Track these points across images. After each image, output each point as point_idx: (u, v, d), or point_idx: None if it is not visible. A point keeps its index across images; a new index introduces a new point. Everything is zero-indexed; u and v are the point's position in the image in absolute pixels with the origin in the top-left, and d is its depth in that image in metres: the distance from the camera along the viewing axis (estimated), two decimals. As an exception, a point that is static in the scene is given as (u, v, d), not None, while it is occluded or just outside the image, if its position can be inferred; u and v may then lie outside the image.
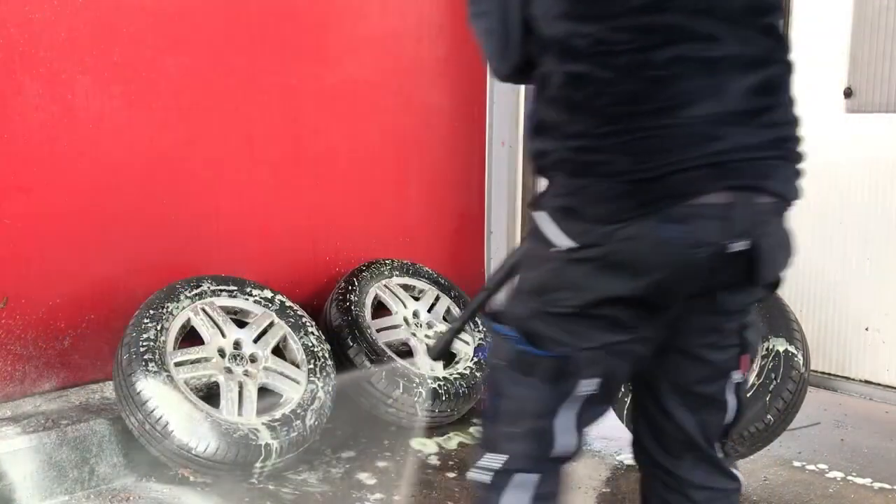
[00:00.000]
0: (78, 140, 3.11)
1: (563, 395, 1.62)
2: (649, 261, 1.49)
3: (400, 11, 3.99)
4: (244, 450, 2.82)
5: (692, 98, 1.45)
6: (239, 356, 3.09)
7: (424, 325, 3.67)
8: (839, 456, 3.30)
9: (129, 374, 2.83)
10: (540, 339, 1.60)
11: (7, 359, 3.03)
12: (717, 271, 1.52)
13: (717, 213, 1.46)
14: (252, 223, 3.60)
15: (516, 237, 4.45)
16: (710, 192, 1.46)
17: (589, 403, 1.64)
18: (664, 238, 1.46)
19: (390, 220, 4.11)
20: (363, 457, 3.25)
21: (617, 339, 1.58)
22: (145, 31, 3.22)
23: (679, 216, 1.45)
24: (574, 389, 1.61)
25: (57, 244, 3.10)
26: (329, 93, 3.78)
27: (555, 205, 1.56)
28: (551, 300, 1.58)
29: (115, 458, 2.95)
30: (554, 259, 1.56)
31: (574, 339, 1.58)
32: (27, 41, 2.95)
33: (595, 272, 1.52)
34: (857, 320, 3.56)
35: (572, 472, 3.12)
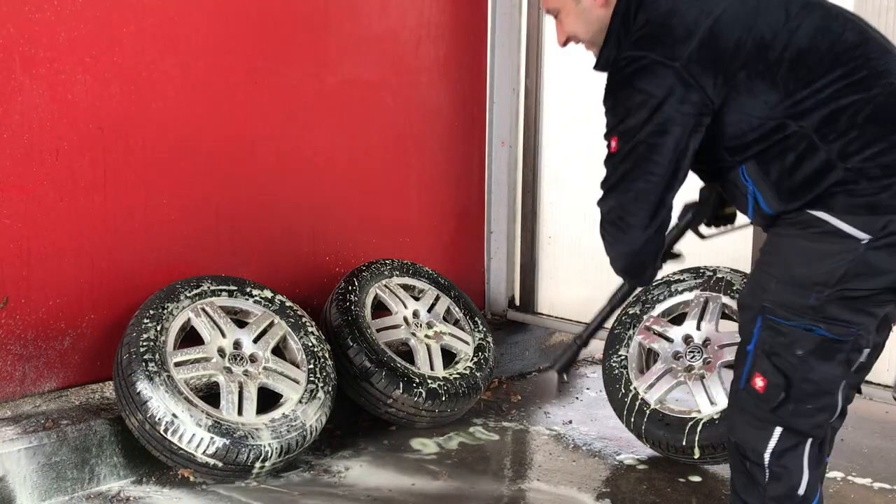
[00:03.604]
0: (78, 140, 3.11)
1: (849, 368, 1.93)
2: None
3: (400, 11, 3.99)
4: (244, 450, 2.82)
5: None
6: (239, 356, 3.09)
7: (424, 325, 3.67)
8: (839, 456, 3.30)
9: (129, 374, 2.83)
10: (840, 323, 1.89)
11: (7, 359, 3.03)
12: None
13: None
14: (252, 223, 3.60)
15: (516, 237, 4.45)
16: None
17: (858, 371, 1.97)
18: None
19: (390, 220, 4.11)
20: (363, 457, 3.26)
21: (886, 312, 1.93)
22: (146, 31, 3.22)
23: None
24: (857, 361, 1.94)
25: (57, 244, 3.10)
26: (329, 93, 3.78)
27: (852, 204, 1.85)
28: (850, 286, 1.86)
29: (115, 459, 2.95)
30: (851, 250, 1.85)
31: (863, 317, 1.89)
32: (27, 41, 2.95)
33: (892, 255, 1.84)
34: (857, 320, 3.56)
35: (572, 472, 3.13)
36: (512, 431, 3.56)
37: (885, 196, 1.83)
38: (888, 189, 1.83)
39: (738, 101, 1.91)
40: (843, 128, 1.85)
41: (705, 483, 3.10)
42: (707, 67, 1.89)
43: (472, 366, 3.60)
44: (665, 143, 1.90)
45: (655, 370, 3.34)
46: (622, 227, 1.99)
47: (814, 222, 1.90)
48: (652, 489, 3.05)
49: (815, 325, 1.89)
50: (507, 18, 4.27)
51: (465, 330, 3.76)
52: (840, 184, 1.86)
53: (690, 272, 3.41)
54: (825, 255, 1.88)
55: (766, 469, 1.99)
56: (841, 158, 1.85)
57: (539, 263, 4.41)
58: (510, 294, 4.50)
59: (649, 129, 1.90)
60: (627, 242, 2.01)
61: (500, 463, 3.31)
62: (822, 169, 1.87)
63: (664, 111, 1.89)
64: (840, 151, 1.85)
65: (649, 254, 2.06)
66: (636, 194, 1.94)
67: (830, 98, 1.86)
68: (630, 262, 2.07)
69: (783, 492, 1.99)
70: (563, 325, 4.32)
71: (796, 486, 1.98)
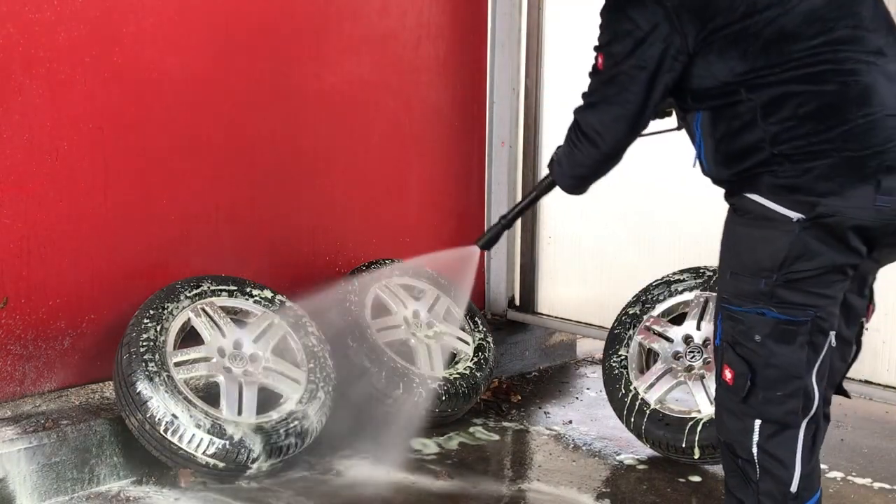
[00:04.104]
0: (78, 140, 3.11)
1: (816, 352, 1.96)
2: (868, 223, 1.88)
3: (400, 11, 3.99)
4: (244, 450, 2.82)
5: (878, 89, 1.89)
6: (239, 356, 3.09)
7: (424, 325, 3.67)
8: (839, 456, 3.30)
9: (129, 374, 2.83)
10: (791, 306, 1.93)
11: (7, 359, 3.03)
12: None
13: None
14: (252, 223, 3.60)
15: (516, 237, 4.45)
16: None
17: (826, 357, 1.98)
18: (878, 206, 1.87)
19: (390, 220, 4.11)
20: (363, 457, 3.25)
21: (843, 290, 1.97)
22: (146, 31, 3.22)
23: (889, 188, 1.87)
24: (825, 345, 1.96)
25: (57, 244, 3.10)
26: (329, 93, 3.78)
27: (775, 184, 1.92)
28: (794, 269, 1.92)
29: (115, 459, 2.95)
30: (788, 232, 1.91)
31: (818, 299, 1.94)
32: (27, 41, 2.95)
33: (829, 238, 1.90)
34: (857, 320, 3.55)
35: (572, 472, 3.13)
36: (512, 431, 3.56)
37: (805, 179, 1.90)
38: (809, 172, 1.90)
39: (708, 59, 1.98)
40: (785, 114, 1.92)
41: (705, 483, 3.10)
42: (694, 17, 1.95)
43: (472, 366, 3.60)
44: (642, 78, 2.01)
45: (655, 370, 3.34)
46: (596, 143, 2.12)
47: (750, 206, 1.98)
48: (652, 489, 3.05)
49: (766, 308, 1.95)
50: (507, 18, 4.27)
51: (465, 330, 3.76)
52: (764, 164, 1.94)
53: (690, 272, 3.41)
54: (766, 240, 1.95)
55: (757, 464, 2.01)
56: (771, 143, 1.93)
57: (539, 263, 4.40)
58: (510, 294, 4.50)
59: (631, 63, 2.01)
60: (594, 157, 2.16)
61: (500, 463, 3.31)
62: (753, 146, 1.95)
63: (646, 46, 1.98)
64: (773, 135, 1.93)
65: (604, 171, 2.23)
66: (613, 117, 2.07)
67: (785, 81, 1.92)
68: (589, 172, 2.24)
69: (775, 487, 2.01)
70: (563, 325, 4.32)
71: (788, 481, 2.00)
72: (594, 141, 2.12)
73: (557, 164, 2.34)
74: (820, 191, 1.89)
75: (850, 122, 1.88)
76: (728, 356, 2.03)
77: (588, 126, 2.12)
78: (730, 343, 2.02)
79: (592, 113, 2.11)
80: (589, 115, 2.12)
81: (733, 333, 2.02)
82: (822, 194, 1.89)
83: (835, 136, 1.89)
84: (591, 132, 2.12)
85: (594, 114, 2.11)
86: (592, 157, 2.17)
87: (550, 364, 4.44)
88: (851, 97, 1.89)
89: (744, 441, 2.03)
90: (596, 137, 2.11)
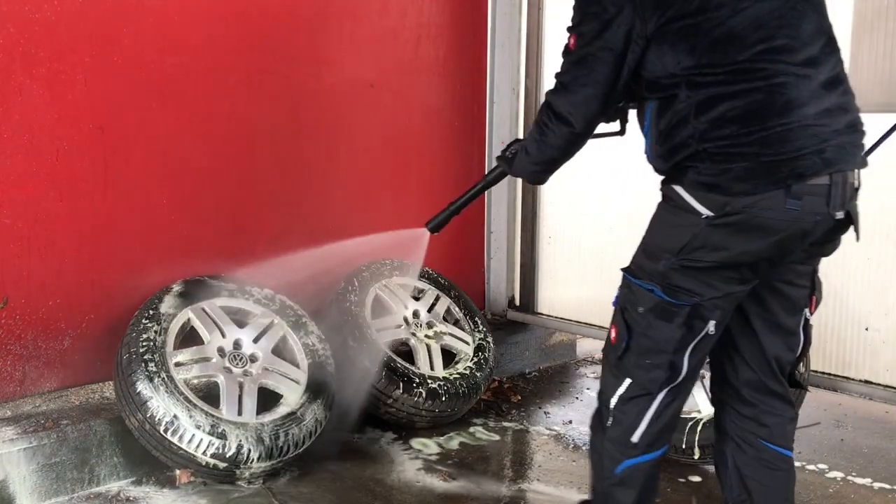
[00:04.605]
0: (78, 140, 3.11)
1: (694, 335, 2.12)
2: (776, 225, 2.01)
3: (400, 11, 3.99)
4: (244, 450, 2.82)
5: (800, 101, 2.00)
6: (239, 356, 3.09)
7: (424, 325, 3.67)
8: (839, 456, 3.30)
9: (129, 374, 2.83)
10: (678, 290, 2.09)
11: (7, 359, 3.03)
12: (820, 233, 2.05)
13: (822, 191, 2.00)
14: (252, 223, 3.60)
15: (516, 237, 4.45)
16: (819, 175, 1.99)
17: (703, 341, 2.15)
18: (787, 209, 1.99)
19: (390, 220, 4.10)
20: (363, 457, 3.25)
21: (736, 290, 2.10)
22: (146, 31, 3.22)
23: (798, 193, 1.98)
24: (703, 330, 2.12)
25: (57, 244, 3.10)
26: (329, 92, 3.78)
27: (696, 181, 2.05)
28: (691, 257, 2.06)
29: (115, 459, 2.95)
30: (695, 224, 2.05)
31: (706, 289, 2.08)
32: (27, 41, 2.95)
33: (733, 234, 2.02)
34: (857, 320, 3.55)
35: (572, 472, 3.12)
36: (512, 431, 3.56)
37: (723, 178, 2.02)
38: (727, 172, 2.01)
39: (662, 48, 2.08)
40: (714, 115, 2.02)
41: (705, 483, 3.10)
42: (656, 6, 2.06)
43: (472, 366, 3.60)
44: (609, 59, 2.11)
45: (655, 370, 3.33)
46: (569, 122, 2.23)
47: (673, 196, 2.11)
48: (652, 489, 3.05)
49: (655, 286, 2.12)
50: (507, 18, 4.27)
51: (465, 330, 3.76)
52: (690, 159, 2.06)
53: (690, 272, 3.40)
54: (675, 226, 2.10)
55: (610, 413, 2.23)
56: (698, 140, 2.04)
57: (539, 263, 4.40)
58: (510, 294, 4.50)
59: (598, 44, 2.12)
60: (566, 136, 2.26)
61: (501, 463, 3.31)
62: (684, 141, 2.06)
63: (612, 29, 2.09)
64: (701, 133, 2.03)
65: (573, 152, 2.34)
66: (584, 97, 2.18)
67: (721, 83, 2.02)
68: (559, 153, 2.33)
69: (618, 435, 2.22)
70: (563, 325, 4.32)
71: (630, 431, 2.20)
72: (567, 120, 2.22)
73: (523, 151, 2.43)
74: (734, 191, 2.00)
75: (769, 129, 1.99)
76: (616, 318, 2.22)
77: (561, 107, 2.22)
78: (620, 307, 2.21)
79: (564, 94, 2.22)
80: (561, 96, 2.23)
81: (625, 300, 2.20)
82: (735, 194, 2.00)
83: (753, 141, 1.99)
84: (565, 112, 2.22)
85: (567, 95, 2.21)
86: (565, 137, 2.27)
87: (550, 364, 4.44)
88: (775, 106, 1.99)
89: (610, 393, 2.23)
90: (569, 117, 2.22)
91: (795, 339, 2.26)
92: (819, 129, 2.00)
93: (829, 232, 2.08)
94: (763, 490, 2.29)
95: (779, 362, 2.25)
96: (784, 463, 2.29)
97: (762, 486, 2.29)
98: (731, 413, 2.32)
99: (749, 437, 2.29)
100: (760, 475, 2.28)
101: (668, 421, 2.23)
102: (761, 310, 2.22)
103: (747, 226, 2.01)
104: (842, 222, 2.07)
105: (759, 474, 2.29)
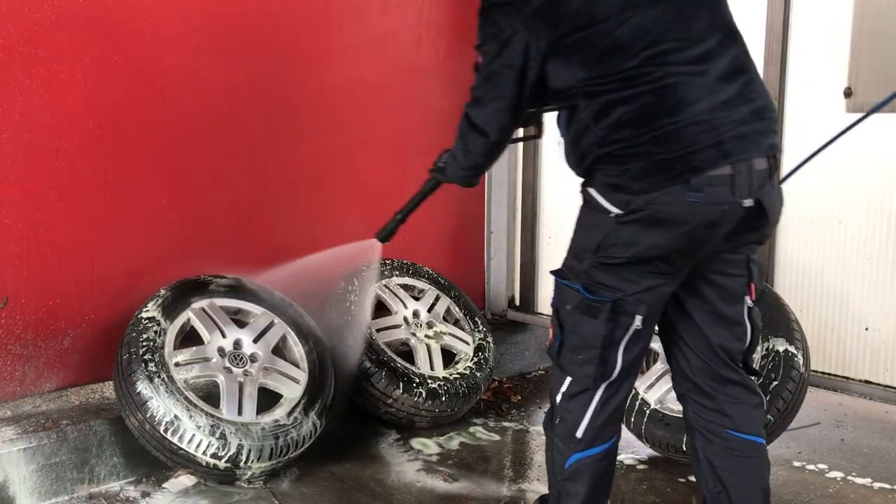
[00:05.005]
0: (78, 140, 3.11)
1: (623, 331, 2.21)
2: (680, 217, 2.09)
3: (400, 11, 3.99)
4: (244, 450, 2.82)
5: (691, 99, 2.08)
6: (239, 356, 3.09)
7: (424, 325, 3.67)
8: (839, 456, 3.30)
9: (129, 374, 2.83)
10: (600, 287, 2.18)
11: (7, 359, 3.03)
12: (732, 222, 2.12)
13: (725, 181, 2.07)
14: (252, 223, 3.60)
15: (516, 237, 4.45)
16: (718, 167, 2.07)
17: (635, 337, 2.23)
18: (689, 201, 2.07)
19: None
20: (363, 457, 3.25)
21: (656, 283, 2.18)
22: (146, 31, 3.22)
23: (698, 185, 2.06)
24: (630, 326, 2.20)
25: (57, 244, 3.10)
26: (329, 92, 3.78)
27: (604, 182, 2.16)
28: (607, 254, 2.16)
29: (115, 459, 2.95)
30: (607, 223, 2.15)
31: (626, 284, 2.17)
32: (27, 41, 2.95)
33: (641, 230, 2.11)
34: (857, 320, 3.55)
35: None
36: (512, 431, 3.56)
37: (623, 178, 2.12)
38: (626, 173, 2.12)
39: (557, 63, 2.19)
40: (611, 121, 2.12)
41: (705, 483, 3.10)
42: (545, 23, 2.16)
43: (472, 366, 3.60)
44: (511, 76, 2.24)
45: (655, 370, 3.33)
46: (485, 133, 2.38)
47: (588, 197, 2.24)
48: (652, 489, 3.05)
49: (578, 285, 2.22)
50: (506, 18, 4.26)
51: (465, 330, 3.76)
52: (596, 163, 2.18)
53: (690, 272, 3.40)
54: (592, 227, 2.21)
55: (557, 411, 2.34)
56: (598, 145, 2.15)
57: (539, 263, 4.40)
58: (510, 294, 4.50)
59: (500, 62, 2.24)
60: (485, 145, 2.42)
61: (501, 463, 3.31)
62: (589, 148, 2.18)
63: (510, 48, 2.21)
64: (601, 139, 2.14)
65: (496, 157, 2.51)
66: (494, 110, 2.33)
67: (613, 91, 2.12)
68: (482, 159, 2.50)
69: (564, 431, 2.32)
70: (563, 325, 4.31)
71: (574, 427, 2.29)
72: (483, 131, 2.38)
73: (452, 158, 2.62)
74: (634, 189, 2.10)
75: (659, 130, 2.08)
76: (553, 317, 2.33)
77: (476, 119, 2.38)
78: (555, 307, 2.32)
79: (479, 108, 2.36)
80: (476, 110, 2.38)
81: (557, 300, 2.31)
82: (636, 192, 2.10)
83: (646, 141, 2.09)
84: (480, 124, 2.38)
85: (480, 108, 2.36)
86: (484, 146, 2.43)
87: (550, 364, 4.43)
88: (665, 107, 2.08)
89: (555, 390, 2.34)
90: (485, 128, 2.37)
91: (741, 328, 2.31)
92: (715, 121, 2.07)
93: (745, 220, 2.13)
94: (736, 479, 2.32)
95: (727, 352, 2.30)
96: (753, 450, 2.33)
97: (734, 475, 2.32)
98: (694, 406, 2.37)
99: (714, 427, 2.33)
100: (731, 464, 2.32)
101: (609, 416, 2.30)
102: (701, 302, 2.28)
103: (652, 220, 2.10)
104: (758, 210, 2.13)
105: (729, 464, 2.32)
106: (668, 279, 2.19)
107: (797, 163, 3.01)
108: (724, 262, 2.25)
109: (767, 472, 2.36)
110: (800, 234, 3.69)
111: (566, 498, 2.36)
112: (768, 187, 2.15)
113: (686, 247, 2.13)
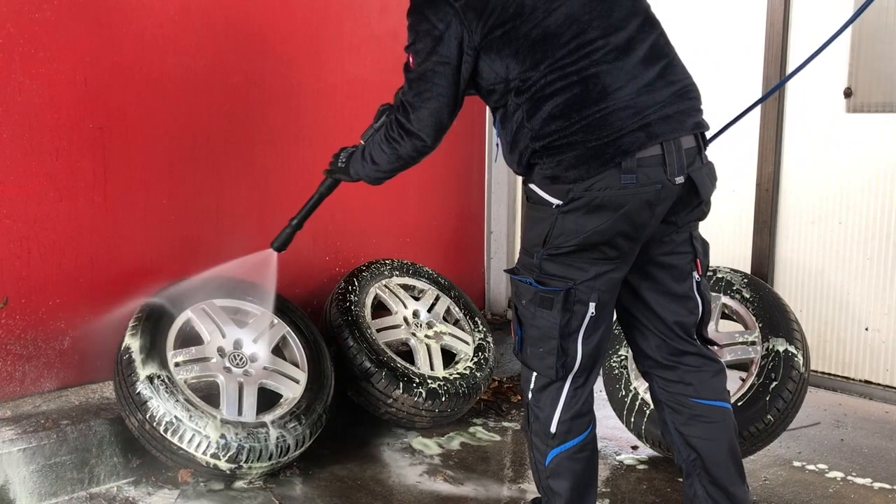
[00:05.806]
0: (78, 140, 3.11)
1: (579, 320, 2.24)
2: (617, 201, 2.15)
3: (400, 11, 3.97)
4: (244, 450, 2.82)
5: (615, 86, 2.14)
6: (239, 356, 3.09)
7: (424, 325, 3.67)
8: (839, 456, 3.30)
9: (129, 374, 2.83)
10: (551, 278, 2.23)
11: (7, 359, 3.03)
12: (668, 200, 2.20)
13: (656, 161, 2.15)
14: (251, 223, 3.60)
15: (516, 237, 4.45)
16: (647, 148, 2.14)
17: (592, 326, 2.26)
18: (624, 184, 2.14)
19: (390, 220, 4.11)
20: (363, 457, 3.25)
21: (605, 270, 2.23)
22: (146, 31, 3.22)
23: (630, 167, 2.13)
24: (586, 314, 2.24)
25: (57, 244, 3.10)
26: (329, 93, 3.78)
27: (542, 176, 2.21)
28: (554, 245, 2.20)
29: (115, 459, 2.95)
30: (551, 215, 2.20)
31: (575, 272, 2.22)
32: (27, 41, 2.95)
33: (583, 217, 2.17)
34: (857, 320, 3.56)
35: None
36: (512, 431, 3.56)
37: (559, 169, 2.17)
38: (561, 164, 2.16)
39: (490, 56, 2.22)
40: (542, 115, 2.16)
41: (705, 483, 3.10)
42: (477, 15, 2.19)
43: (472, 366, 3.60)
44: (447, 72, 2.25)
45: (655, 370, 3.33)
46: (420, 137, 2.36)
47: (531, 193, 2.27)
48: (652, 489, 3.05)
49: (529, 278, 2.26)
50: (506, 18, 4.26)
51: (465, 330, 3.76)
52: (534, 157, 2.21)
53: (690, 272, 3.40)
54: (538, 221, 2.25)
55: (531, 409, 2.37)
56: (532, 140, 2.19)
57: (539, 263, 4.40)
58: (510, 294, 4.50)
59: (435, 59, 2.25)
60: (419, 149, 2.41)
61: (501, 463, 3.31)
62: (526, 144, 2.21)
63: (444, 44, 2.23)
64: (534, 133, 2.18)
65: (422, 159, 2.49)
66: (430, 111, 2.31)
67: (545, 85, 2.16)
68: (410, 162, 2.50)
69: (539, 429, 2.35)
70: (563, 325, 4.31)
71: (547, 423, 2.33)
72: (418, 136, 2.36)
73: (368, 160, 2.57)
74: (571, 178, 2.15)
75: (588, 118, 2.13)
76: (512, 314, 2.37)
77: (410, 124, 2.35)
78: (513, 304, 2.36)
79: (412, 111, 2.33)
80: (409, 113, 2.34)
81: (514, 296, 2.35)
82: (573, 181, 2.15)
83: (576, 130, 2.14)
84: (415, 129, 2.35)
85: (413, 112, 2.33)
86: (417, 150, 2.42)
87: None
88: (591, 95, 2.13)
89: (525, 388, 2.38)
90: (420, 133, 2.35)
91: (692, 302, 2.40)
92: (640, 105, 2.14)
93: (682, 199, 2.23)
94: (705, 444, 2.40)
95: (682, 326, 2.39)
96: (718, 414, 2.41)
97: (703, 441, 2.40)
98: (658, 381, 2.46)
99: (679, 398, 2.42)
100: (699, 431, 2.40)
101: (578, 409, 2.34)
102: (653, 283, 2.36)
103: (592, 206, 2.15)
104: (691, 187, 2.22)
105: (697, 430, 2.41)
106: (616, 264, 2.24)
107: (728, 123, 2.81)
108: (670, 243, 2.33)
109: (734, 433, 2.44)
110: (800, 234, 3.69)
111: (553, 496, 2.39)
112: (697, 164, 2.23)
113: (628, 229, 2.18)
